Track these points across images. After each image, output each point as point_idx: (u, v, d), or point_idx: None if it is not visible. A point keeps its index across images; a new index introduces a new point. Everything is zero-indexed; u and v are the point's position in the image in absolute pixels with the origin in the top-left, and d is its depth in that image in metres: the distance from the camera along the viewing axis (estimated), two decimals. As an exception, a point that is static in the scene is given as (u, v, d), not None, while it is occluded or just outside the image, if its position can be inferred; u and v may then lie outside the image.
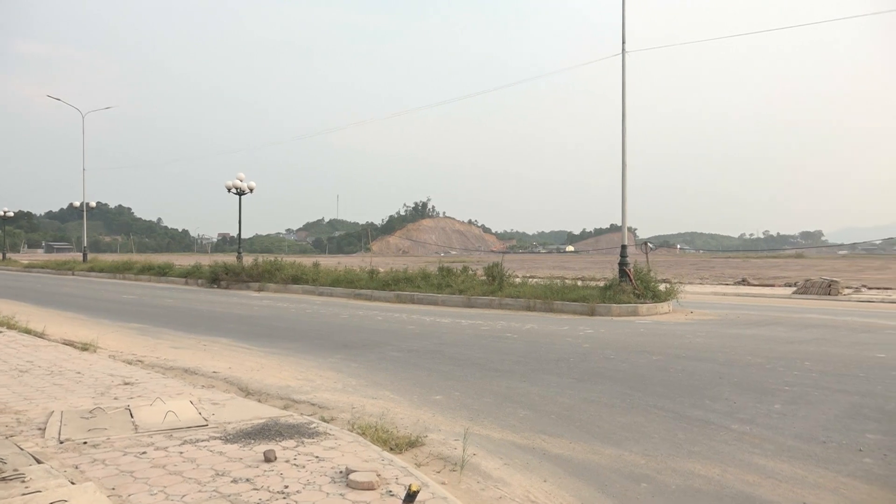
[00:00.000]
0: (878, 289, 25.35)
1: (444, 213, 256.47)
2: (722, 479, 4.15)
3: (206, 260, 34.03)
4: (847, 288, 23.68)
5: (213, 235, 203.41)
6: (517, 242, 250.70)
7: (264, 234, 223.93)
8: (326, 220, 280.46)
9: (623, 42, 17.61)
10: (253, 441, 4.58)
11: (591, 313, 14.97)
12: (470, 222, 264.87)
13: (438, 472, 4.30)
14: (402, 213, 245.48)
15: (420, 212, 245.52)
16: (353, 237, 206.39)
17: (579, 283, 18.43)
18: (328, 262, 39.44)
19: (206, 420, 5.15)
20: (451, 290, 18.52)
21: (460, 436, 4.83)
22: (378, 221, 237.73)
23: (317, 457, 4.24)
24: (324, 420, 5.38)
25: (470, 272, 20.57)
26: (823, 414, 5.70)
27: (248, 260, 28.14)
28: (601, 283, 17.53)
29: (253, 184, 29.97)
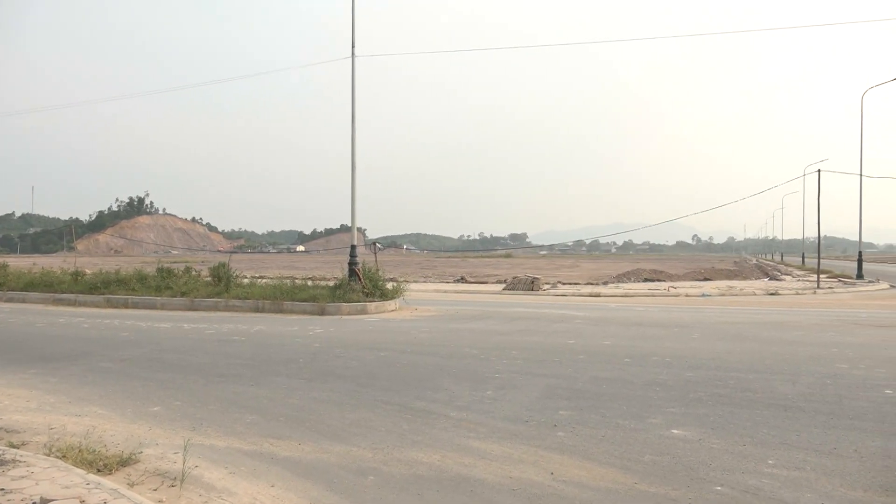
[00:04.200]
0: (570, 284, 29.24)
1: (164, 209, 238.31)
2: (442, 465, 4.44)
3: None
4: (546, 284, 26.92)
5: None
6: (246, 242, 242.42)
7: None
8: (18, 214, 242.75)
9: (353, 46, 18.00)
10: (-87, 479, 3.78)
11: (322, 313, 15.04)
12: (194, 220, 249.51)
13: (155, 490, 3.97)
14: (115, 208, 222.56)
15: (136, 208, 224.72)
16: (54, 235, 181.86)
17: (310, 282, 18.39)
18: (21, 262, 34.28)
19: None
20: (172, 292, 17.29)
21: (181, 448, 4.51)
22: (85, 217, 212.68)
23: (2, 489, 3.65)
24: (12, 445, 4.64)
25: (193, 273, 19.40)
26: (527, 396, 6.39)
27: None
28: (331, 283, 17.69)
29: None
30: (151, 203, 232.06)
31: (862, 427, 5.20)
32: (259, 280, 19.75)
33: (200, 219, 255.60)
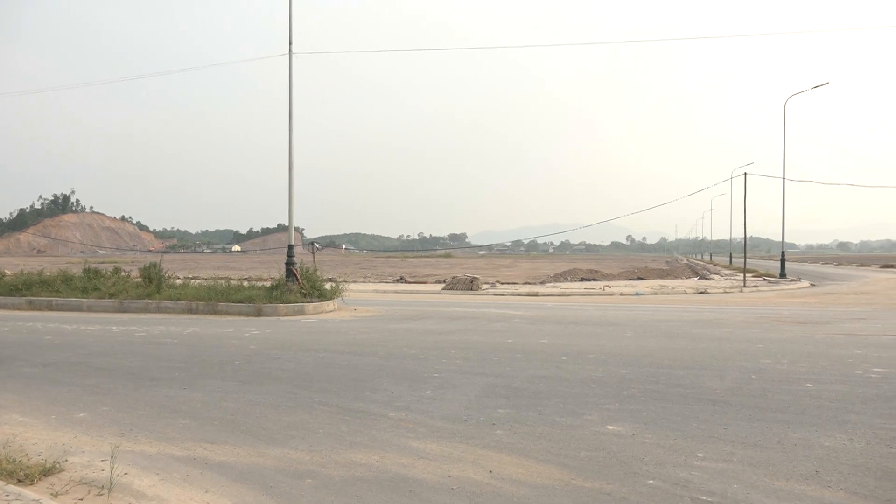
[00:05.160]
0: (509, 283, 29.56)
1: (91, 207, 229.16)
2: (381, 465, 4.41)
3: None
4: (485, 283, 27.12)
5: None
6: (179, 241, 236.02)
7: None
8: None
9: (290, 43, 17.74)
10: None
11: (258, 314, 14.77)
12: (123, 219, 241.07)
13: (81, 500, 3.81)
14: (38, 206, 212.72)
15: (61, 206, 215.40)
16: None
17: (246, 283, 18.05)
18: (-66, 263, 32.35)
19: None
20: (100, 293, 16.67)
21: (109, 455, 4.34)
22: (5, 215, 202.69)
23: (-88, 503, 3.44)
24: (-77, 457, 4.38)
25: (123, 273, 18.75)
26: (466, 395, 6.43)
27: None
28: (268, 283, 17.40)
29: None
30: (77, 201, 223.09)
31: (784, 419, 5.44)
32: (192, 281, 19.23)
33: (130, 217, 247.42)
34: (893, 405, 5.95)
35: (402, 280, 33.64)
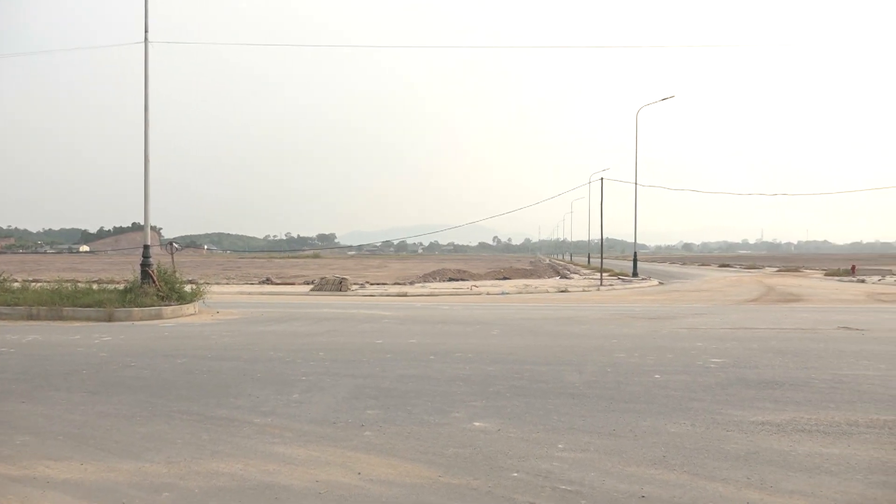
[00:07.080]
0: (378, 284, 29.54)
1: None
2: (244, 473, 4.26)
3: None
4: (355, 284, 26.95)
5: None
6: (17, 241, 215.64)
7: None
8: None
9: (146, 30, 16.73)
10: None
11: (110, 319, 13.81)
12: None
13: None
14: None
15: None
16: None
17: (95, 286, 16.79)
18: None
19: None
20: (-80, 299, 14.86)
21: (-70, 479, 3.89)
22: None
23: None
24: None
25: (-52, 277, 16.85)
26: (334, 398, 6.34)
27: None
28: (122, 286, 16.31)
29: None
30: None
31: (636, 409, 5.82)
32: (33, 284, 17.66)
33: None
34: (729, 392, 6.53)
35: (268, 281, 32.66)
